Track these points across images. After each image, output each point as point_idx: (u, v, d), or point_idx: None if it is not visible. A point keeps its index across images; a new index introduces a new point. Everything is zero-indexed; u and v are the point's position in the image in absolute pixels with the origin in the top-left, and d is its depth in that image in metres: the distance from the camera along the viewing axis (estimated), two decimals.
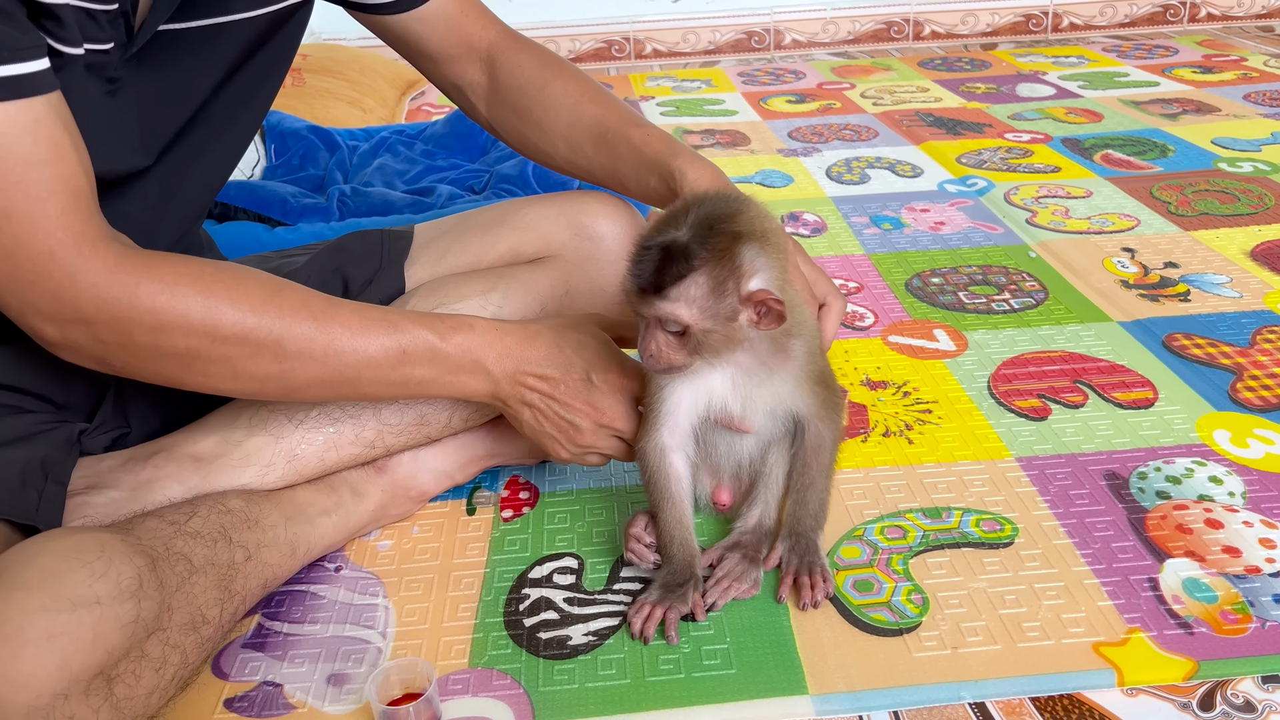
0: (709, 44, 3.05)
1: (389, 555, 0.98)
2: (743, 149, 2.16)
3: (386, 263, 1.05)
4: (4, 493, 0.78)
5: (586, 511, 1.02)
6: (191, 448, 0.91)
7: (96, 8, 0.74)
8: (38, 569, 0.69)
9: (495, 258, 1.04)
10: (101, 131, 0.79)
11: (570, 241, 1.03)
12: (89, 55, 0.76)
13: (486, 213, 1.07)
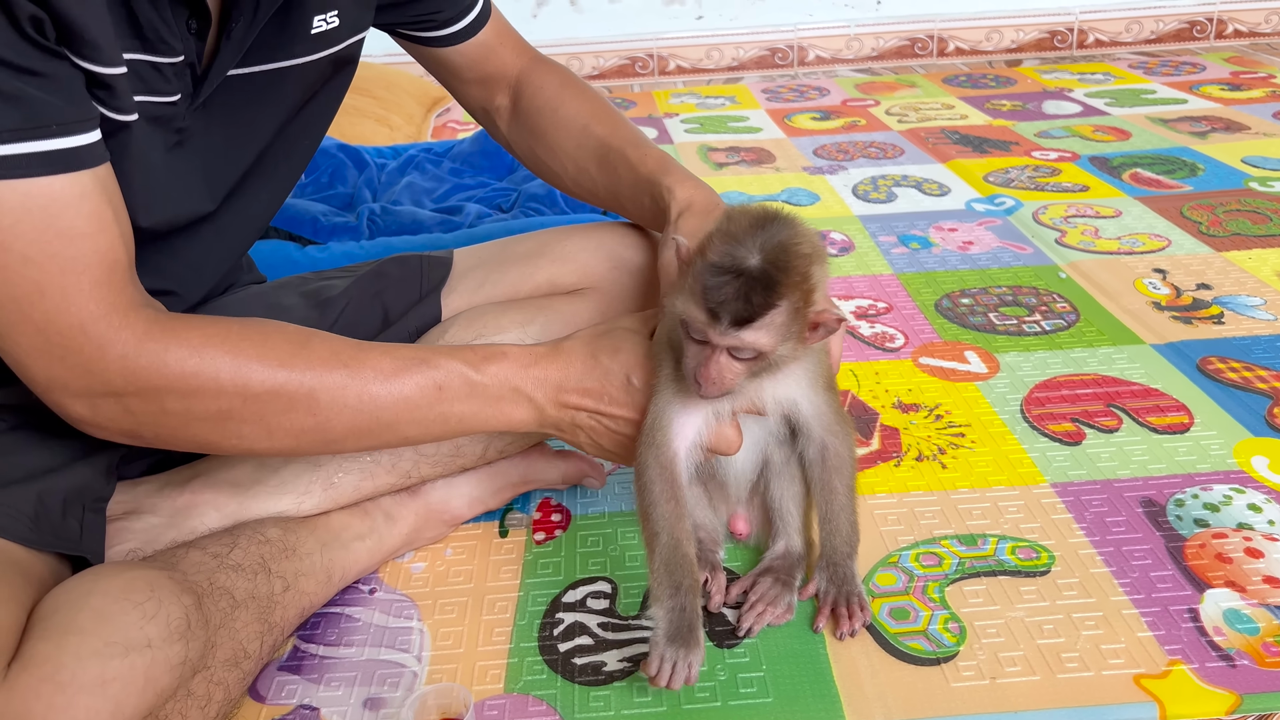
0: (732, 60, 3.06)
1: (422, 578, 0.98)
2: (768, 166, 2.16)
3: (426, 290, 1.05)
4: (47, 524, 0.79)
5: (619, 535, 1.02)
6: (228, 473, 0.91)
7: (162, 60, 0.75)
8: (90, 611, 0.69)
9: (533, 288, 1.04)
10: (168, 182, 0.80)
11: (609, 274, 1.03)
12: (155, 108, 0.76)
13: (525, 242, 1.08)
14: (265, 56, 0.84)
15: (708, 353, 0.75)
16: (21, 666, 0.64)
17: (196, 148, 0.82)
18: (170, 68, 0.76)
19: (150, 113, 0.77)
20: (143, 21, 0.73)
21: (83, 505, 0.83)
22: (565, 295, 1.03)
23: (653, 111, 2.68)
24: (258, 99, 0.85)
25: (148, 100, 0.76)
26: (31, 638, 0.67)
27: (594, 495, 1.08)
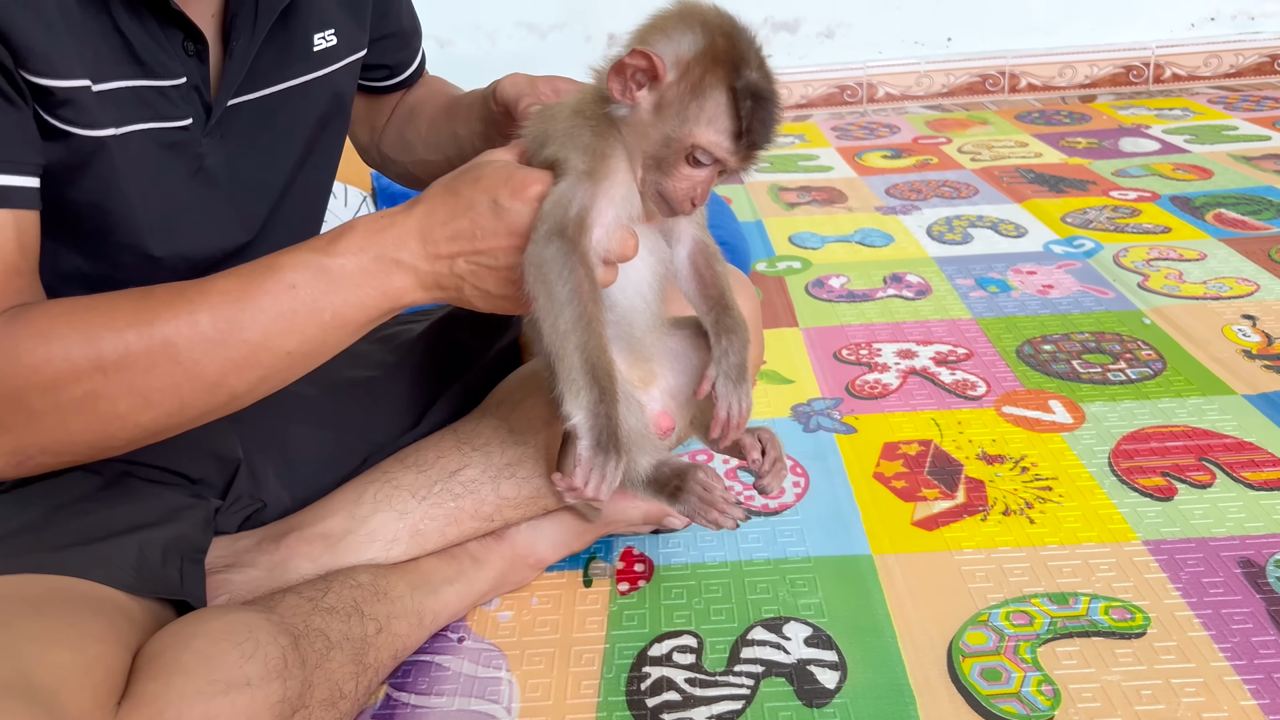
0: (801, 98, 3.07)
1: (509, 627, 0.99)
2: (840, 206, 2.16)
3: (498, 326, 1.07)
4: (148, 572, 0.82)
5: (703, 587, 1.02)
6: (321, 526, 0.94)
7: (164, 84, 0.78)
8: (194, 653, 0.71)
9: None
10: (198, 211, 0.83)
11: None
12: (168, 133, 0.80)
13: None
14: (273, 78, 0.88)
15: (707, 174, 0.74)
16: (131, 706, 0.67)
17: (220, 176, 0.84)
18: (175, 90, 0.79)
19: (164, 139, 0.80)
20: (137, 46, 0.76)
21: (181, 555, 0.86)
22: None
23: None
24: (273, 123, 0.88)
25: (158, 126, 0.79)
26: (139, 678, 0.69)
27: (676, 546, 1.09)
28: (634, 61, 0.72)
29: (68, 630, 0.69)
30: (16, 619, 0.69)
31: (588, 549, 1.09)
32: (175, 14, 0.77)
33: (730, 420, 0.82)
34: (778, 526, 1.11)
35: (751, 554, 1.07)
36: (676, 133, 0.72)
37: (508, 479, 0.98)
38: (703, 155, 0.72)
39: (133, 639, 0.74)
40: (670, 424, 0.88)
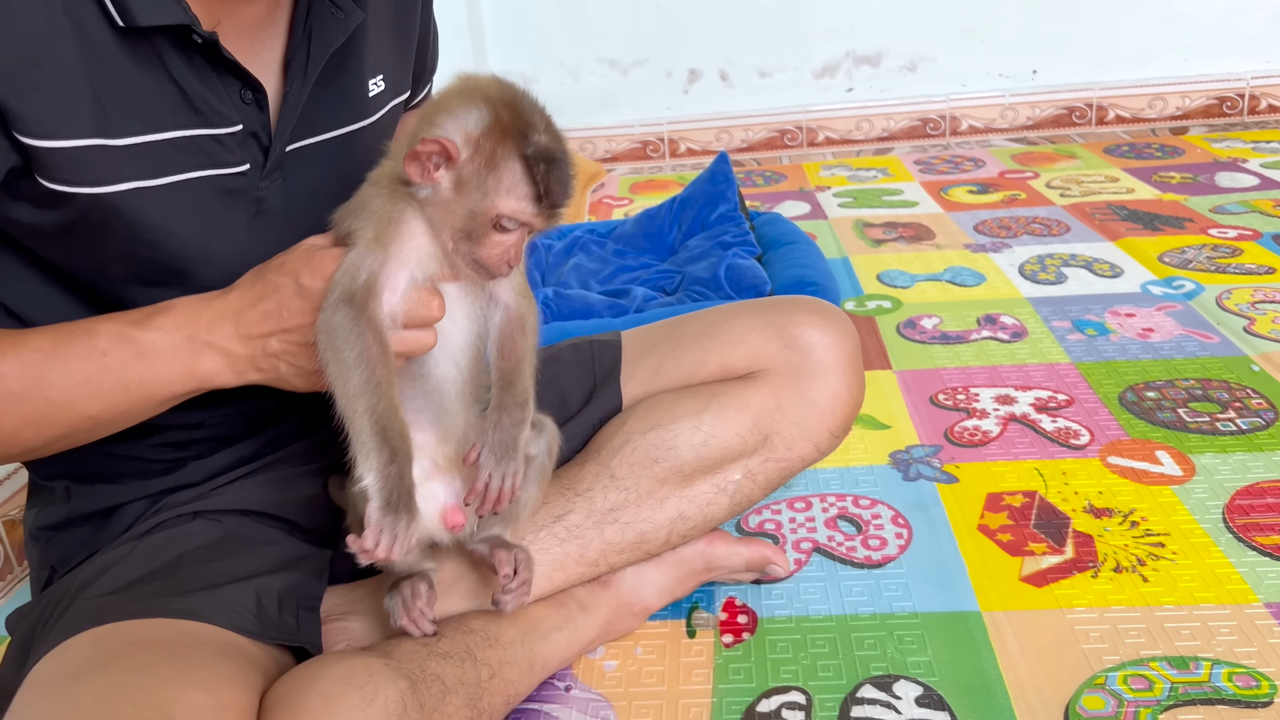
0: (883, 131, 3.06)
1: (615, 676, 1.00)
2: (928, 244, 2.14)
3: (602, 377, 1.08)
4: (268, 617, 0.84)
5: (809, 642, 1.02)
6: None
7: (220, 132, 0.81)
8: (316, 696, 0.74)
9: (707, 374, 1.06)
10: (260, 252, 0.84)
11: (779, 354, 1.03)
12: (226, 180, 0.82)
13: (693, 323, 1.10)
14: (331, 123, 0.90)
15: (517, 237, 0.76)
16: None
17: (281, 217, 0.86)
18: (231, 138, 0.81)
19: (221, 185, 0.82)
20: (192, 96, 0.78)
21: (297, 603, 0.88)
22: (738, 380, 1.04)
23: (803, 184, 2.70)
24: (332, 168, 0.90)
25: (216, 174, 0.81)
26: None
27: (780, 597, 1.09)
28: (428, 148, 0.74)
29: (202, 673, 0.72)
30: (155, 661, 0.72)
31: (689, 598, 1.09)
32: (231, 63, 0.79)
33: (489, 493, 0.81)
34: (882, 580, 1.10)
35: (857, 608, 1.06)
36: (480, 206, 0.75)
37: (611, 524, 0.99)
38: (508, 222, 0.75)
39: (258, 683, 0.77)
40: (461, 520, 0.85)
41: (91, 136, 0.75)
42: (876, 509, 1.23)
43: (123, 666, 0.70)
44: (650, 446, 1.00)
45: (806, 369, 1.02)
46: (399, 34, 0.97)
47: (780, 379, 1.03)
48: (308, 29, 0.84)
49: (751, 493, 1.03)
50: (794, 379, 1.02)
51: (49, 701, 0.67)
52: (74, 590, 0.84)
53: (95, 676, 0.69)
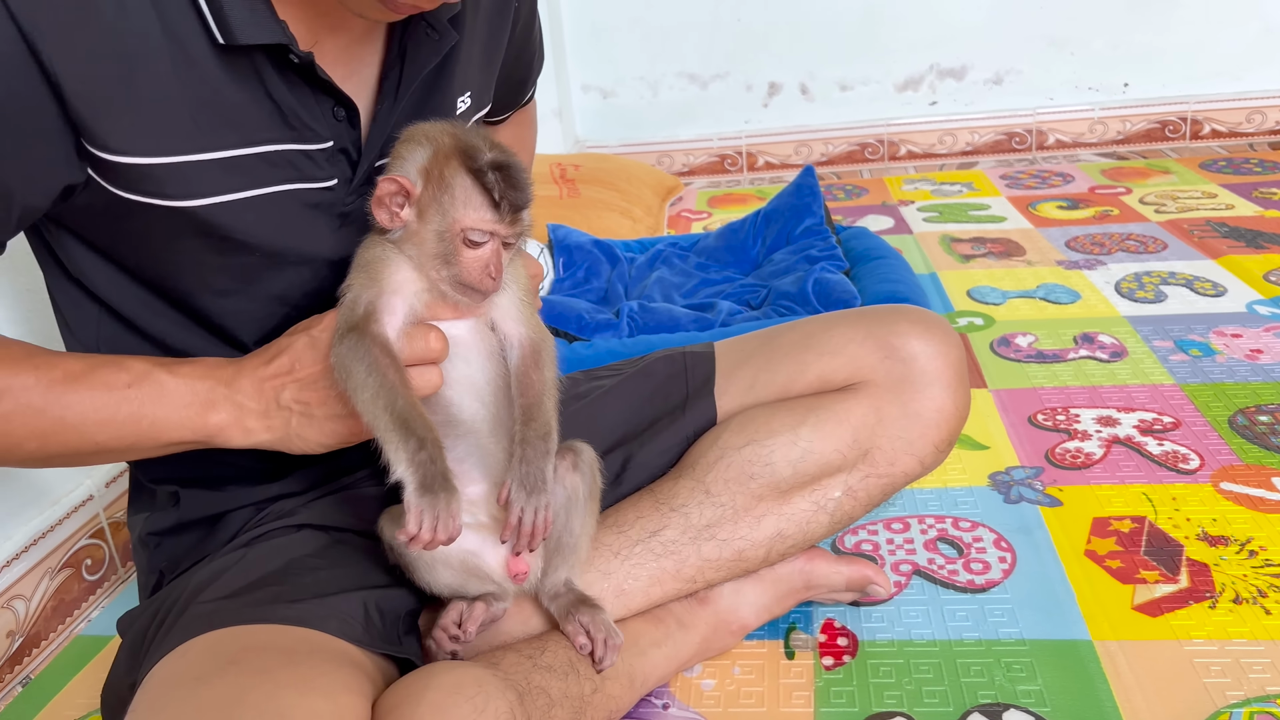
0: (966, 145, 3.01)
1: (714, 696, 0.98)
2: (1018, 260, 2.10)
3: (695, 389, 1.07)
4: (374, 628, 0.84)
5: (912, 667, 0.99)
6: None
7: (311, 148, 0.81)
8: (429, 705, 0.73)
9: (804, 386, 1.03)
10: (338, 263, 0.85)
11: (880, 365, 1.00)
12: (313, 194, 0.82)
13: (790, 333, 1.07)
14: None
15: (490, 249, 0.78)
16: None
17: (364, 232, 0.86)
18: (321, 154, 0.82)
19: (309, 199, 0.83)
20: (286, 112, 0.79)
21: (399, 613, 0.89)
22: (836, 393, 1.01)
23: (886, 198, 2.66)
24: None
25: (303, 187, 0.82)
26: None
27: (881, 620, 1.06)
28: (385, 189, 0.78)
29: (321, 679, 0.72)
30: (274, 666, 0.72)
31: (786, 619, 1.07)
32: (325, 83, 0.80)
33: (523, 528, 0.80)
34: (987, 605, 1.07)
35: (961, 633, 1.03)
36: (444, 226, 0.78)
37: (707, 541, 0.98)
38: (474, 234, 0.77)
39: (370, 690, 0.77)
40: (524, 568, 0.86)
41: (183, 154, 0.75)
42: (978, 531, 1.20)
43: (243, 670, 0.70)
44: (746, 462, 0.98)
45: (909, 380, 0.99)
46: (488, 50, 0.98)
47: (881, 391, 1.00)
48: (402, 49, 0.85)
49: (853, 510, 1.01)
50: (896, 391, 1.00)
51: (174, 702, 0.68)
52: (188, 594, 0.85)
53: (217, 680, 0.69)
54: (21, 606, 1.11)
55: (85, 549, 1.20)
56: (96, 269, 0.84)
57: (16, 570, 1.10)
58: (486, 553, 0.87)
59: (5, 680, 1.09)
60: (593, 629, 0.88)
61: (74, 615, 1.19)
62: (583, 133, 3.18)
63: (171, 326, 0.87)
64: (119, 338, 0.87)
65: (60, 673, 1.12)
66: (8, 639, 1.09)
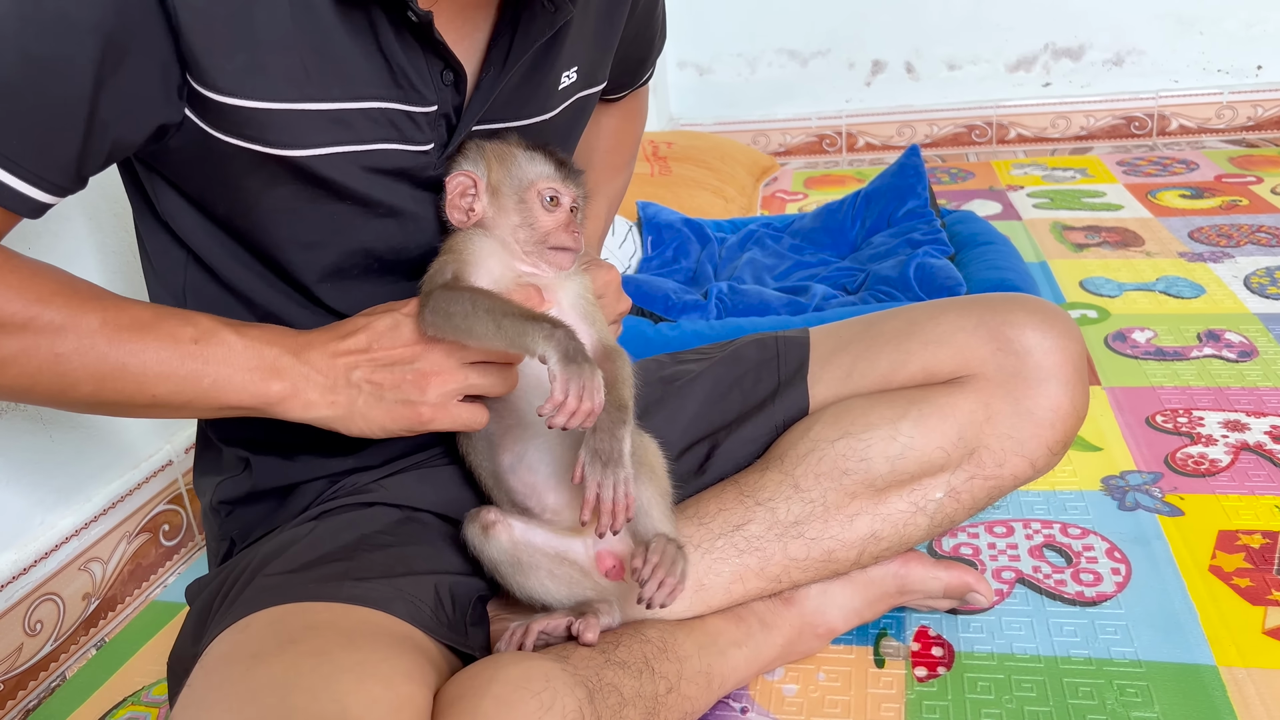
0: (1081, 129, 2.86)
1: (796, 702, 0.92)
2: (1136, 250, 1.97)
3: (788, 376, 1.00)
4: (444, 614, 0.81)
5: (1013, 683, 0.92)
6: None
7: (416, 110, 0.78)
8: (493, 699, 0.69)
9: (906, 378, 0.96)
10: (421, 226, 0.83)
11: (992, 357, 0.92)
12: (407, 156, 0.79)
13: (893, 320, 1.00)
14: (517, 112, 0.86)
15: (566, 207, 0.82)
16: None
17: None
18: (424, 117, 0.79)
19: (403, 159, 0.79)
20: (396, 71, 0.75)
21: (470, 599, 0.85)
22: (941, 386, 0.94)
23: (993, 183, 2.54)
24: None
25: (400, 148, 0.79)
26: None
27: (980, 630, 0.99)
28: (455, 185, 0.82)
29: (381, 665, 0.68)
30: (334, 648, 0.69)
31: (877, 623, 1.01)
32: (437, 44, 0.76)
33: (602, 503, 0.75)
34: (1098, 620, 0.98)
35: (1069, 649, 0.95)
36: (520, 191, 0.82)
37: (795, 538, 0.91)
38: (547, 191, 0.81)
39: (432, 679, 0.73)
40: (615, 562, 0.83)
41: (290, 100, 0.73)
42: (1088, 539, 1.11)
43: (301, 651, 0.67)
44: (839, 456, 0.92)
45: (1023, 375, 0.91)
46: (604, 28, 0.93)
47: (992, 386, 0.92)
48: (515, 18, 0.81)
49: (955, 513, 0.94)
50: (1008, 386, 0.92)
51: (229, 681, 0.65)
52: (254, 565, 0.82)
53: (273, 659, 0.66)
54: (99, 569, 1.11)
55: (163, 514, 1.20)
56: (185, 214, 0.82)
57: (95, 532, 1.10)
58: (575, 549, 0.84)
59: (80, 642, 1.09)
60: (655, 556, 0.78)
61: (150, 580, 1.18)
62: (677, 110, 3.12)
63: (256, 280, 0.84)
64: (203, 287, 0.85)
65: (134, 638, 1.12)
66: (84, 601, 1.09)
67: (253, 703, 0.61)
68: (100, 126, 0.69)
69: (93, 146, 0.70)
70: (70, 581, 1.07)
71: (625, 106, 1.13)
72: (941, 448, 0.91)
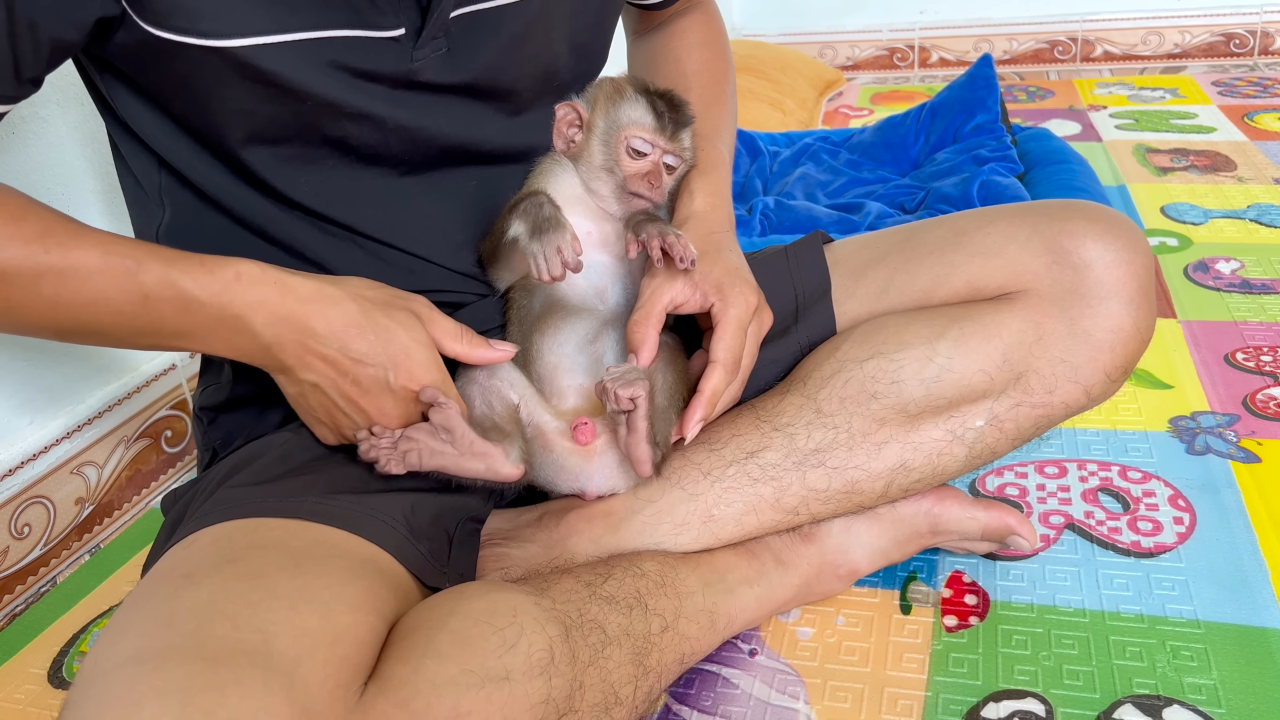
0: (1174, 47, 2.64)
1: (810, 647, 0.85)
2: (1227, 175, 1.81)
3: (808, 293, 0.90)
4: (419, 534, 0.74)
5: (1053, 639, 0.83)
6: (604, 504, 0.83)
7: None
8: (449, 634, 0.63)
9: (949, 293, 0.86)
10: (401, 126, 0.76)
11: (1046, 271, 0.82)
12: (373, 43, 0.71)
13: (937, 229, 0.89)
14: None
15: (651, 160, 0.82)
16: (378, 689, 0.59)
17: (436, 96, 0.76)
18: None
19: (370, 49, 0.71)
20: None
21: (456, 521, 0.78)
22: (989, 302, 0.83)
23: (1074, 102, 2.36)
24: (504, 42, 0.78)
25: (363, 35, 0.70)
26: (389, 658, 0.61)
27: (1020, 579, 0.90)
28: (561, 113, 0.84)
29: (322, 592, 0.62)
30: (274, 571, 0.62)
31: (906, 565, 0.92)
32: None
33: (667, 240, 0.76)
34: (1153, 573, 0.89)
35: (1118, 604, 0.86)
36: (610, 135, 0.82)
37: (815, 467, 0.83)
38: (637, 142, 0.81)
39: (391, 607, 0.66)
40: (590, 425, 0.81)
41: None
42: (1150, 484, 1.00)
43: (236, 573, 0.61)
44: (868, 378, 0.82)
45: (1081, 292, 0.81)
46: None
47: (1045, 303, 0.81)
48: None
49: (996, 444, 0.84)
50: (1063, 304, 0.81)
51: (153, 601, 0.59)
52: (220, 476, 0.77)
53: (205, 580, 0.60)
54: (93, 473, 1.07)
55: (165, 420, 1.15)
56: (146, 117, 0.75)
57: (89, 435, 1.06)
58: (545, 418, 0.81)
59: (73, 548, 1.05)
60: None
61: (150, 488, 1.14)
62: (740, 19, 2.96)
63: (226, 180, 0.77)
64: (176, 191, 0.79)
65: (130, 545, 1.08)
66: (77, 506, 1.05)
67: (169, 628, 0.55)
68: (27, 27, 0.63)
69: (24, 48, 0.64)
70: (62, 485, 1.03)
71: (695, 28, 1.02)
72: (984, 370, 0.81)
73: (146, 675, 0.52)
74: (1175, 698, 0.76)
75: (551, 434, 0.81)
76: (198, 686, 0.52)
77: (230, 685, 0.52)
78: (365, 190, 0.78)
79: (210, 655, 0.54)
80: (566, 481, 0.82)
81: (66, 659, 0.92)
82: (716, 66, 1.00)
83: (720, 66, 1.00)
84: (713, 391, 0.77)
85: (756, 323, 0.81)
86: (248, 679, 0.53)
